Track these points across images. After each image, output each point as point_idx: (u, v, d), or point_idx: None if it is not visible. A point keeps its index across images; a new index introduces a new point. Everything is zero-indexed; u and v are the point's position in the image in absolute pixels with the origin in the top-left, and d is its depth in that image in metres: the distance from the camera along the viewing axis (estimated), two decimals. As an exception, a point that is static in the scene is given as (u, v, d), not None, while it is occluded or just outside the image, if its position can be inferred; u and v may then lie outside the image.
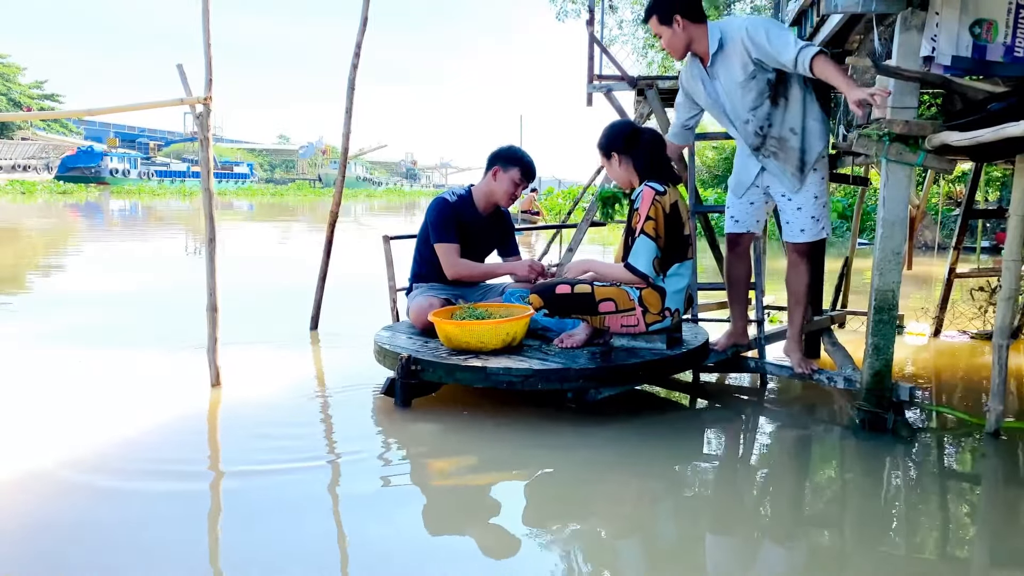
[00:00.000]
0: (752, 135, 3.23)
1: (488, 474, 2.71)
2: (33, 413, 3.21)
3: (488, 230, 3.84)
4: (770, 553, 2.09)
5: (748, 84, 3.13)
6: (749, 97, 3.15)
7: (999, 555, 2.15)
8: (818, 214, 3.28)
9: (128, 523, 2.20)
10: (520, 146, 3.84)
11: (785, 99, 3.15)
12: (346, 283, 6.55)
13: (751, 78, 3.11)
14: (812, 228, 3.29)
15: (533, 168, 3.77)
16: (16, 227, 15.29)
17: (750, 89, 3.14)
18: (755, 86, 3.13)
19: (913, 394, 3.02)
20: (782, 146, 3.21)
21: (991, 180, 12.56)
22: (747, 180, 3.39)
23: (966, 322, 5.25)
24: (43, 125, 48.90)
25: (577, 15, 18.03)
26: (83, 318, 5.46)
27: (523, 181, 3.73)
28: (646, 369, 3.14)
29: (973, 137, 2.58)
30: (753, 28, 3.06)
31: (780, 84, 3.14)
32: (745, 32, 3.06)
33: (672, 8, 3.14)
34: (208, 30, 3.34)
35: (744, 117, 3.20)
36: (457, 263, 3.68)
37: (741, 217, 3.47)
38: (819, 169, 3.25)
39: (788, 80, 3.14)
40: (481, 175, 3.85)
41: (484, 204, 3.79)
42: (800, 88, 3.16)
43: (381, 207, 32.81)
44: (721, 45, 3.14)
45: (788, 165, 3.23)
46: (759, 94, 3.14)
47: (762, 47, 3.03)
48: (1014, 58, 2.86)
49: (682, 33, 3.17)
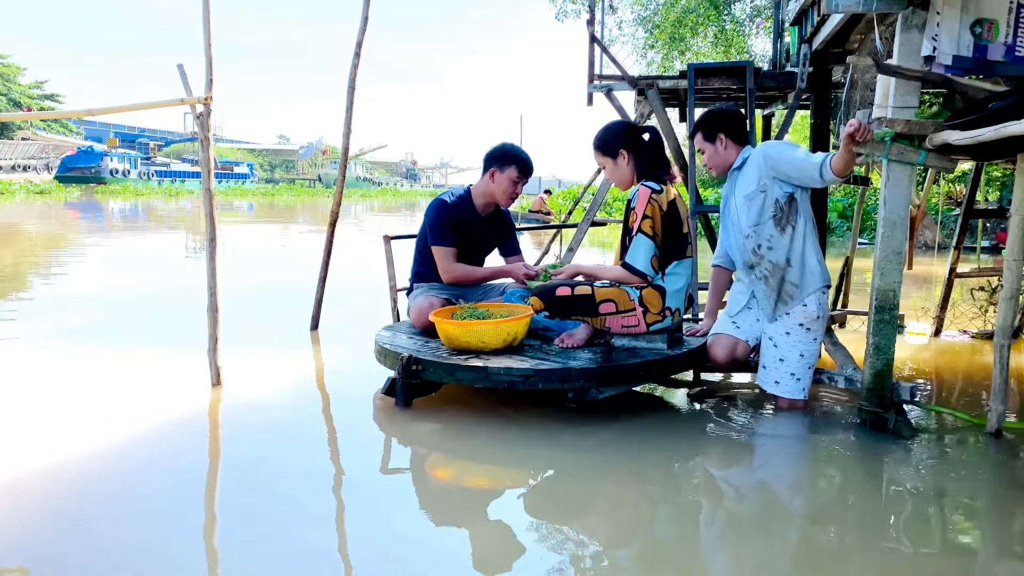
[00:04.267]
0: (749, 252, 3.21)
1: (488, 474, 2.71)
2: (33, 412, 3.21)
3: (487, 230, 3.83)
4: (770, 553, 2.09)
5: (756, 197, 3.14)
6: (753, 211, 3.15)
7: (1000, 555, 2.14)
8: (800, 373, 3.17)
9: (127, 522, 2.19)
10: (518, 144, 3.82)
11: (792, 227, 3.12)
12: (347, 283, 6.56)
13: (760, 191, 3.13)
14: (790, 385, 3.17)
15: (530, 165, 3.74)
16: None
17: (756, 203, 3.14)
18: (761, 200, 3.13)
19: (914, 394, 3.02)
20: (774, 272, 3.15)
21: (991, 180, 12.57)
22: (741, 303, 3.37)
23: (967, 322, 5.25)
24: (43, 125, 48.89)
25: (577, 15, 18.04)
26: (82, 318, 5.46)
27: (521, 179, 3.70)
28: (647, 369, 3.13)
29: (974, 136, 2.58)
30: (773, 146, 3.15)
31: (789, 208, 3.11)
32: (765, 149, 3.14)
33: (717, 127, 3.23)
34: (209, 30, 3.34)
35: (745, 231, 3.20)
36: (453, 267, 3.68)
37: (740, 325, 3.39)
38: (812, 329, 3.14)
39: (797, 209, 3.12)
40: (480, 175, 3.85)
41: (483, 205, 3.78)
42: (805, 221, 3.14)
43: (375, 208, 32.80)
44: (744, 162, 3.23)
45: (773, 293, 3.17)
46: (762, 210, 3.13)
47: (781, 158, 3.06)
48: (1015, 57, 2.86)
49: (723, 152, 3.24)
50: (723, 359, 3.31)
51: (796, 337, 3.15)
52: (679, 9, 17.10)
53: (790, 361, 3.17)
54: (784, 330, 3.17)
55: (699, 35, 17.34)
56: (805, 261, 3.13)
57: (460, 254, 3.73)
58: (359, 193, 52.12)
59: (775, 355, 3.20)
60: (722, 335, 3.34)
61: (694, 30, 17.11)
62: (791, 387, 3.18)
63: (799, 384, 3.18)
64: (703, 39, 17.43)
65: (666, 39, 17.18)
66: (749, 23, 17.22)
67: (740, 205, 3.20)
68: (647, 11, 18.11)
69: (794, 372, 3.17)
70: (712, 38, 17.25)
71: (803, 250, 3.13)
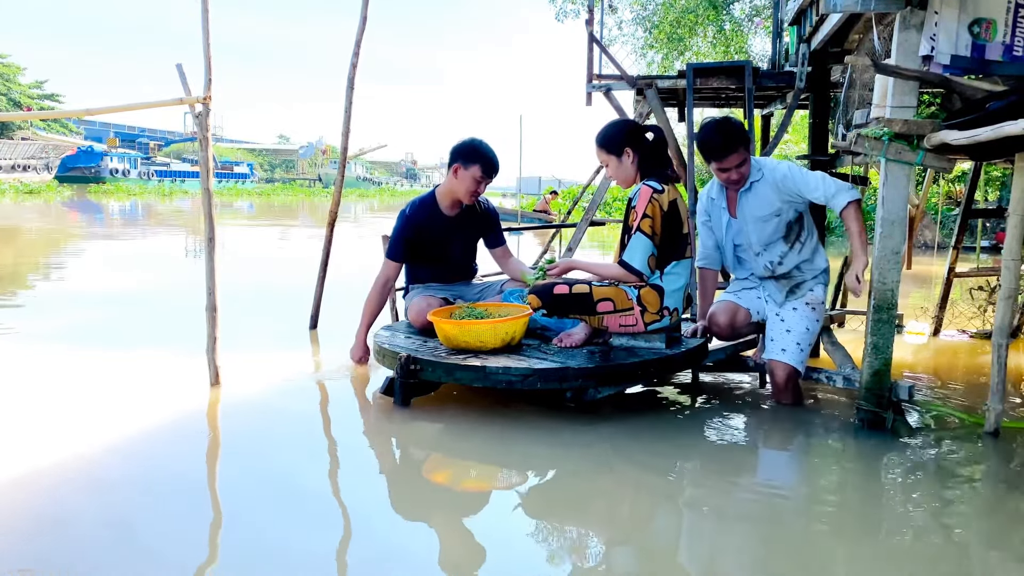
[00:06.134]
0: (762, 267, 3.39)
1: (487, 474, 2.71)
2: (33, 412, 3.21)
3: (457, 228, 3.79)
4: (768, 552, 2.09)
5: (771, 220, 3.27)
6: (766, 232, 3.29)
7: (998, 554, 2.14)
8: (804, 345, 3.29)
9: (126, 522, 2.19)
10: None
11: (800, 242, 3.31)
12: (346, 283, 6.55)
13: (776, 215, 3.25)
14: (794, 353, 3.28)
15: (495, 163, 3.66)
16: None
17: (770, 225, 3.28)
18: (776, 223, 3.27)
19: (912, 393, 3.02)
20: (786, 277, 3.37)
21: (991, 179, 12.57)
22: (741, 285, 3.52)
23: (966, 321, 5.25)
24: (43, 125, 48.85)
25: (577, 15, 18.02)
26: (81, 317, 5.46)
27: (484, 178, 3.64)
28: (645, 369, 3.14)
29: (972, 136, 2.58)
30: (791, 175, 3.19)
31: (798, 225, 3.29)
32: (784, 176, 3.19)
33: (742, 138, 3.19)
34: (207, 30, 3.34)
35: (756, 249, 3.35)
36: (376, 284, 3.78)
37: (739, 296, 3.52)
38: (816, 310, 3.32)
39: (803, 222, 3.30)
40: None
41: (448, 203, 3.75)
42: (810, 230, 3.34)
43: (375, 208, 32.79)
44: (758, 179, 3.25)
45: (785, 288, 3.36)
46: (775, 230, 3.28)
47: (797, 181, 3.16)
48: (1013, 57, 2.86)
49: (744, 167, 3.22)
50: (724, 324, 3.40)
51: (803, 313, 3.31)
52: (678, 9, 17.09)
53: (796, 332, 3.29)
54: (792, 307, 3.33)
55: (698, 35, 17.33)
56: (814, 261, 3.38)
57: (435, 256, 3.77)
58: (357, 193, 52.04)
59: (782, 327, 3.32)
60: (723, 301, 3.47)
61: (693, 30, 17.10)
62: (795, 355, 3.28)
63: (802, 355, 3.29)
64: (703, 39, 17.42)
65: (664, 39, 17.17)
66: (748, 23, 17.21)
67: (752, 226, 3.32)
68: (646, 11, 18.10)
69: (799, 342, 3.28)
70: (711, 38, 17.24)
71: (811, 254, 3.35)
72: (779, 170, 3.22)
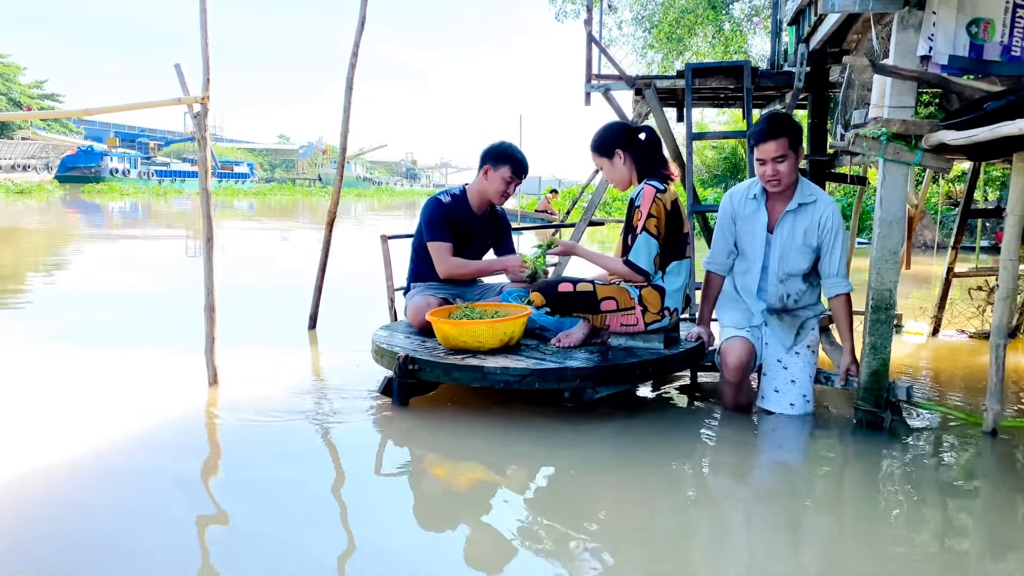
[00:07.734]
0: (776, 297, 3.24)
1: (485, 473, 2.70)
2: (32, 412, 3.21)
3: (483, 229, 3.84)
4: (767, 552, 2.09)
5: (804, 252, 3.17)
6: (794, 261, 3.18)
7: (996, 554, 2.14)
8: (809, 393, 3.22)
9: (125, 522, 2.19)
10: (516, 144, 3.82)
11: (813, 287, 3.29)
12: (344, 282, 6.55)
13: (813, 251, 3.18)
14: (802, 405, 3.20)
15: (525, 165, 3.74)
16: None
17: (803, 256, 3.18)
18: (807, 256, 3.18)
19: (911, 393, 3.02)
20: (797, 314, 3.28)
21: (990, 179, 12.57)
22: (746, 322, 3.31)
23: (964, 321, 5.25)
24: (43, 125, 48.87)
25: (576, 15, 18.01)
26: (80, 317, 5.46)
27: (514, 179, 3.70)
28: (643, 369, 3.14)
29: (970, 136, 2.58)
30: (838, 218, 3.14)
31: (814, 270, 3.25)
32: (833, 215, 3.13)
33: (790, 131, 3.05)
34: (206, 30, 3.34)
35: (780, 276, 3.22)
36: (448, 261, 3.68)
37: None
38: (815, 350, 3.26)
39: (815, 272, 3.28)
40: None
41: (478, 203, 3.78)
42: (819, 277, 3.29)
43: (375, 207, 32.79)
44: (809, 202, 3.15)
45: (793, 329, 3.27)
46: (800, 263, 3.19)
47: (831, 233, 3.13)
48: (1011, 57, 2.86)
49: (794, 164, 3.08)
50: (734, 364, 3.16)
51: (804, 358, 3.22)
52: (677, 9, 17.09)
53: (802, 382, 3.21)
54: (796, 351, 3.24)
55: (697, 35, 17.33)
56: (817, 302, 3.33)
57: (456, 252, 3.73)
58: (355, 193, 52.02)
59: (786, 377, 3.22)
60: (735, 338, 3.20)
61: (692, 30, 17.10)
62: (803, 406, 3.21)
63: (809, 404, 3.23)
64: (702, 39, 17.42)
65: (664, 39, 17.17)
66: (747, 23, 17.21)
67: (784, 250, 3.18)
68: (646, 11, 18.10)
69: (804, 394, 3.21)
70: (710, 38, 17.24)
71: (817, 296, 3.32)
72: (830, 210, 3.12)
